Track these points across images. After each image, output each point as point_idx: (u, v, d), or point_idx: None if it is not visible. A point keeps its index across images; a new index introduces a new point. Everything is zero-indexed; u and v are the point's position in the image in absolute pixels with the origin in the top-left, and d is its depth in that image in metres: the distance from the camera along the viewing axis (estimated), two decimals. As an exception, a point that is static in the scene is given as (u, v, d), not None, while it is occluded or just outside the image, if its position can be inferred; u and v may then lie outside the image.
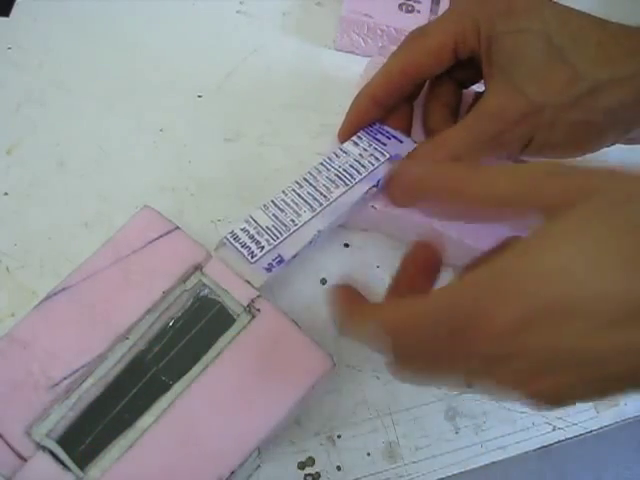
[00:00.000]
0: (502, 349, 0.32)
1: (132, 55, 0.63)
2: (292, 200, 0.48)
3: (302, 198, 0.48)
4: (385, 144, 0.51)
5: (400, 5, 0.63)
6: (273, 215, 0.47)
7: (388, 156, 0.50)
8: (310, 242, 0.47)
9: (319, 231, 0.47)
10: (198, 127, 0.60)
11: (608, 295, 0.29)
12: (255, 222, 0.47)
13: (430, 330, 0.33)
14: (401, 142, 0.51)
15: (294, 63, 0.64)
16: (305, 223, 0.47)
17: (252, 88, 0.63)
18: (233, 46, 0.65)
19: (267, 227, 0.47)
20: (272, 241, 0.46)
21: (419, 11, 0.63)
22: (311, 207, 0.48)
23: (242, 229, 0.47)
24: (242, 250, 0.46)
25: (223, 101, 0.62)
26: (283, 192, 0.48)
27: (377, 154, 0.50)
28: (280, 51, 0.65)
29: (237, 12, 0.67)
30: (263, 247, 0.46)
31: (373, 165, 0.49)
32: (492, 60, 0.46)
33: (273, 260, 0.46)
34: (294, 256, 0.46)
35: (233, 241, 0.46)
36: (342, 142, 0.52)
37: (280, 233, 0.47)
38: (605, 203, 0.30)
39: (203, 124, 0.60)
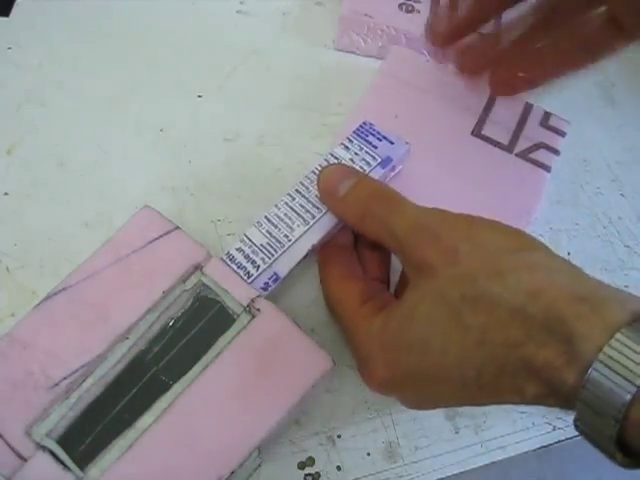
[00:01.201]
0: (383, 392, 0.44)
1: (132, 55, 0.63)
2: (285, 214, 0.48)
3: (295, 211, 0.48)
4: (376, 147, 0.50)
5: (400, 5, 0.63)
6: (267, 232, 0.47)
7: (379, 160, 0.50)
8: (305, 257, 0.47)
9: (313, 245, 0.47)
10: (198, 127, 0.60)
11: (462, 365, 0.38)
12: (250, 241, 0.47)
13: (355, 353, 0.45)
14: (392, 143, 0.51)
15: (294, 63, 0.64)
16: (299, 238, 0.47)
17: (252, 88, 0.63)
18: (233, 46, 0.65)
19: (262, 245, 0.47)
20: (267, 259, 0.46)
21: (419, 11, 0.63)
22: (304, 220, 0.47)
23: (237, 249, 0.47)
24: (238, 271, 0.46)
25: (223, 101, 0.62)
26: (276, 206, 0.48)
27: (368, 158, 0.50)
28: (280, 51, 0.65)
29: (237, 12, 0.67)
30: (259, 266, 0.46)
31: (364, 170, 0.49)
32: None
33: (269, 279, 0.46)
34: (289, 272, 0.46)
35: (229, 262, 0.46)
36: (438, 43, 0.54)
37: (275, 250, 0.47)
38: (449, 280, 0.39)
39: (203, 124, 0.60)
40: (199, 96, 0.62)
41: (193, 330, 0.44)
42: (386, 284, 0.48)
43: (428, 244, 0.40)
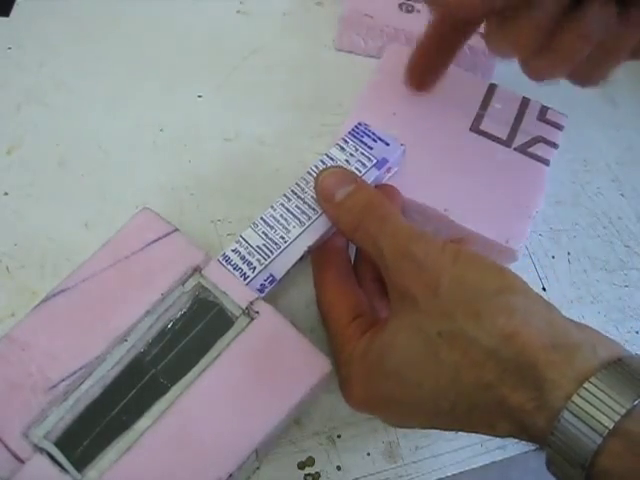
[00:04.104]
0: (361, 412, 0.46)
1: (132, 55, 0.63)
2: (281, 215, 0.48)
3: (291, 212, 0.48)
4: (372, 147, 0.50)
5: (400, 5, 0.63)
6: (263, 233, 0.47)
7: (375, 161, 0.50)
8: (301, 258, 0.47)
9: (309, 247, 0.47)
10: (198, 127, 0.60)
11: (438, 394, 0.38)
12: (246, 242, 0.47)
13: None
14: (387, 145, 0.51)
15: (294, 63, 0.64)
16: (295, 239, 0.47)
17: (252, 88, 0.63)
18: (233, 46, 0.65)
19: (258, 246, 0.47)
20: (263, 261, 0.46)
21: (419, 11, 0.63)
22: (300, 222, 0.47)
23: (233, 250, 0.47)
24: (234, 272, 0.46)
25: (223, 101, 0.62)
26: (272, 207, 0.48)
27: (364, 159, 0.50)
28: (280, 51, 0.65)
29: (237, 12, 0.67)
30: (255, 268, 0.46)
31: (360, 172, 0.49)
32: None
33: (265, 280, 0.46)
34: (286, 274, 0.46)
35: (225, 263, 0.46)
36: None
37: (271, 252, 0.46)
38: (423, 316, 0.39)
39: (203, 124, 0.60)
40: (199, 96, 0.62)
41: (192, 332, 0.44)
42: (383, 284, 0.48)
43: (411, 274, 0.40)
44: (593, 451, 0.32)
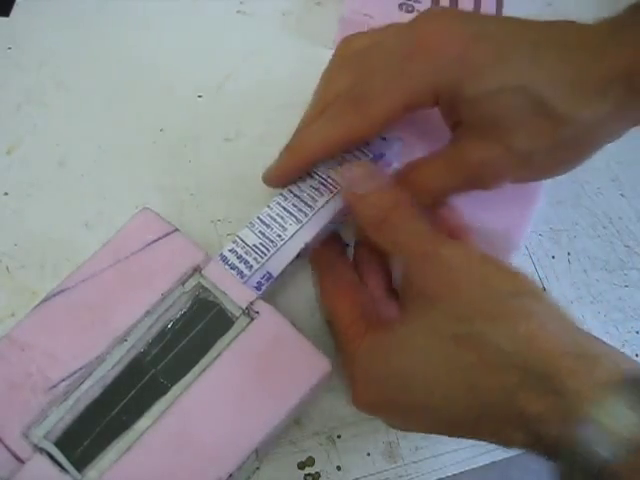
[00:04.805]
0: (367, 414, 0.44)
1: (132, 55, 0.63)
2: (277, 214, 0.48)
3: (287, 211, 0.48)
4: (367, 142, 0.50)
5: (400, 5, 0.63)
6: (259, 232, 0.47)
7: (371, 156, 0.49)
8: (298, 256, 0.47)
9: (306, 243, 0.47)
10: (198, 127, 0.60)
11: (449, 402, 0.38)
12: (243, 242, 0.47)
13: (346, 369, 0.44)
14: (384, 139, 0.50)
15: (294, 63, 0.64)
16: (292, 236, 0.47)
17: (252, 88, 0.62)
18: (233, 46, 0.65)
19: (254, 245, 0.46)
20: (260, 259, 0.46)
21: (419, 11, 0.62)
22: (296, 219, 0.47)
23: (230, 250, 0.47)
24: (231, 271, 0.46)
25: (223, 101, 0.62)
26: (268, 207, 0.48)
27: (360, 155, 0.49)
28: (280, 51, 0.65)
29: (237, 12, 0.67)
30: (252, 266, 0.46)
31: None
32: (468, 122, 0.45)
33: (262, 278, 0.46)
34: (283, 271, 0.46)
35: (222, 263, 0.46)
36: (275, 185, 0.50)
37: (268, 250, 0.46)
38: (439, 318, 0.38)
39: (203, 124, 0.60)
40: (199, 96, 0.62)
41: (192, 332, 0.44)
42: (384, 284, 0.48)
43: (432, 275, 0.40)
44: (611, 464, 0.32)
